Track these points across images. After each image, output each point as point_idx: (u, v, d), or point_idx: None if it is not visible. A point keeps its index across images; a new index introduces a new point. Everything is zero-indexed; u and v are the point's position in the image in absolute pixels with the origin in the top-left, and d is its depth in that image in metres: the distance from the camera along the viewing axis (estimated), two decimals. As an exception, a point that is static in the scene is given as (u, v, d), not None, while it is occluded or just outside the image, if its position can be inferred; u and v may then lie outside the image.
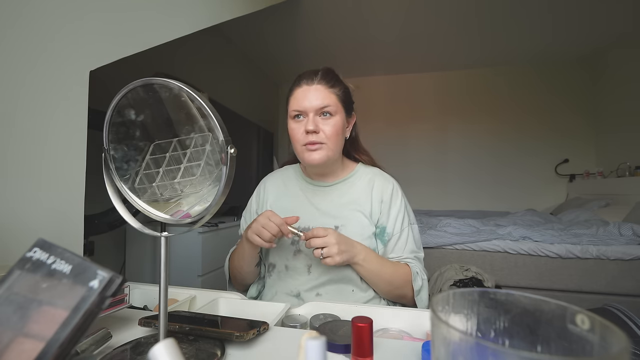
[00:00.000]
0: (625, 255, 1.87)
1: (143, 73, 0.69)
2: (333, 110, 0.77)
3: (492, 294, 0.26)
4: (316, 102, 0.76)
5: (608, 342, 0.20)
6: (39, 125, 0.64)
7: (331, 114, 0.77)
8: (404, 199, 0.86)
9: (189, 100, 0.38)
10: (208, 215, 0.39)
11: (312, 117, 0.76)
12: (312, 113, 0.76)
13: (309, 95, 0.76)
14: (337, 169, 0.87)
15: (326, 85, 0.77)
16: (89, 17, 0.73)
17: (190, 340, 0.47)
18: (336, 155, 0.81)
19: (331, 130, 0.76)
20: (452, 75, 3.94)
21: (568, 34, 3.01)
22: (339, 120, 0.78)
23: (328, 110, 0.76)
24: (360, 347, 0.37)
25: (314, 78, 0.78)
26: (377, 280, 0.76)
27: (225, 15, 1.32)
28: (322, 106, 0.76)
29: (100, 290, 0.27)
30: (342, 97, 0.79)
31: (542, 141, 3.67)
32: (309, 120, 0.76)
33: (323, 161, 0.78)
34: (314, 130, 0.75)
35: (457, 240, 2.09)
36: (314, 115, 0.76)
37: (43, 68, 0.65)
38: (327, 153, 0.77)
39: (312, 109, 0.76)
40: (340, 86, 0.80)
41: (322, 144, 0.77)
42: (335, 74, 0.82)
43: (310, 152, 0.77)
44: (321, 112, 0.77)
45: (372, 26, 2.92)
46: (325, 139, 0.76)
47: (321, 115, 0.77)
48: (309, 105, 0.76)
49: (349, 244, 0.73)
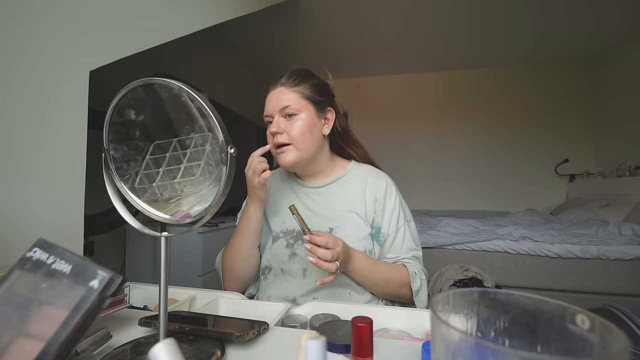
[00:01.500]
0: (625, 255, 1.87)
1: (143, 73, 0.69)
2: (296, 109, 0.76)
3: (492, 294, 0.26)
4: (277, 103, 0.77)
5: (608, 342, 0.20)
6: (39, 125, 0.64)
7: (294, 113, 0.77)
8: (398, 196, 0.84)
9: (189, 100, 0.38)
10: (208, 215, 0.39)
11: (276, 119, 0.77)
12: (276, 115, 0.77)
13: (272, 99, 0.78)
14: (326, 168, 0.85)
15: (289, 86, 0.78)
16: (89, 17, 0.73)
17: (190, 340, 0.47)
18: (310, 154, 0.79)
19: (295, 130, 0.76)
20: (452, 75, 3.94)
21: (568, 34, 3.01)
22: (304, 119, 0.77)
23: (290, 110, 0.76)
24: (360, 347, 0.37)
25: (278, 81, 0.79)
26: (372, 285, 0.76)
27: (226, 15, 1.32)
28: (282, 107, 0.76)
29: (100, 290, 0.27)
30: (307, 94, 0.78)
31: (542, 141, 3.67)
32: (273, 124, 0.77)
33: (294, 162, 0.78)
34: (276, 132, 0.76)
35: (457, 240, 2.09)
36: (278, 117, 0.77)
37: (43, 68, 0.65)
38: (296, 154, 0.77)
39: (274, 111, 0.77)
40: (306, 83, 0.79)
41: (287, 144, 0.77)
42: (303, 72, 0.81)
43: (279, 154, 0.78)
44: (285, 114, 0.77)
45: (372, 26, 2.92)
46: (290, 139, 0.76)
47: (286, 116, 0.77)
48: (272, 109, 0.78)
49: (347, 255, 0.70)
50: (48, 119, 0.65)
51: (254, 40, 3.17)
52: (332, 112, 0.84)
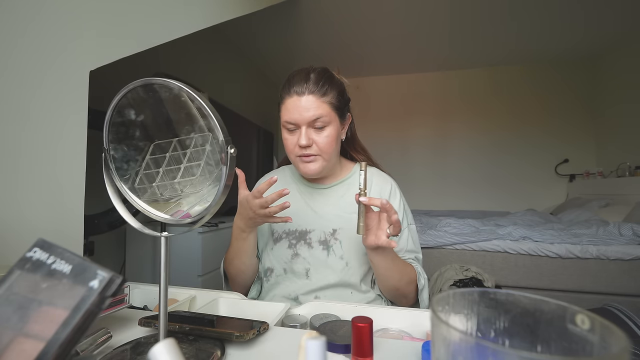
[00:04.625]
0: (625, 255, 1.87)
1: (143, 73, 0.69)
2: (326, 121, 0.73)
3: (492, 294, 0.26)
4: (307, 115, 0.72)
5: (608, 342, 0.20)
6: (39, 125, 0.64)
7: (325, 125, 0.74)
8: (402, 199, 0.85)
9: (189, 100, 0.38)
10: (208, 215, 0.39)
11: (304, 131, 0.73)
12: (304, 126, 0.73)
13: (299, 108, 0.72)
14: (335, 170, 0.86)
15: (317, 94, 0.72)
16: (89, 17, 0.73)
17: (190, 340, 0.47)
18: (332, 162, 0.79)
19: (325, 142, 0.74)
20: (452, 76, 3.94)
21: (568, 34, 3.01)
22: (333, 130, 0.75)
23: (320, 122, 0.73)
24: (360, 347, 0.37)
25: (304, 86, 0.72)
26: (390, 274, 0.72)
27: (226, 15, 1.32)
28: (313, 119, 0.72)
29: (100, 290, 0.27)
30: (335, 104, 0.75)
31: (542, 141, 3.67)
32: (301, 135, 0.73)
33: (319, 171, 0.77)
34: (307, 145, 0.73)
35: (457, 240, 2.09)
36: (307, 128, 0.73)
37: (43, 68, 0.65)
38: (323, 163, 0.76)
39: (303, 121, 0.72)
40: (333, 91, 0.75)
41: (317, 155, 0.75)
42: (327, 76, 0.77)
43: (305, 163, 0.76)
44: (315, 126, 0.73)
45: (372, 26, 2.92)
46: (320, 150, 0.75)
47: (314, 127, 0.74)
48: (301, 118, 0.72)
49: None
50: (48, 119, 0.65)
51: (253, 40, 3.17)
52: (349, 117, 0.84)
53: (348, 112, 0.83)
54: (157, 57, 2.21)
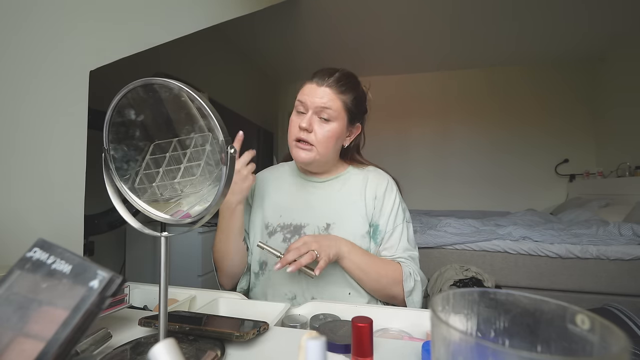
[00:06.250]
0: (625, 255, 1.87)
1: (143, 73, 0.69)
2: (333, 116, 0.75)
3: (492, 294, 0.26)
4: (318, 101, 0.74)
5: (608, 342, 0.20)
6: (39, 125, 0.64)
7: (330, 119, 0.75)
8: (398, 196, 0.85)
9: (189, 100, 0.38)
10: (208, 215, 0.39)
11: (309, 116, 0.75)
12: (311, 111, 0.75)
13: (314, 93, 0.75)
14: (331, 168, 0.86)
15: (335, 90, 0.75)
16: (89, 17, 0.73)
17: (190, 340, 0.47)
18: (325, 159, 0.80)
19: (324, 135, 0.75)
20: (452, 76, 3.94)
21: (568, 34, 3.01)
22: (336, 127, 0.76)
23: (327, 114, 0.75)
24: (360, 347, 0.37)
25: (326, 79, 0.76)
26: (363, 276, 0.74)
27: (226, 15, 1.32)
28: (321, 107, 0.74)
29: (100, 290, 0.27)
30: (349, 105, 0.77)
31: (542, 141, 3.67)
32: (305, 118, 0.75)
33: (308, 161, 0.78)
34: (306, 128, 0.75)
35: (457, 240, 2.09)
36: (313, 114, 0.76)
37: (43, 68, 0.65)
38: (314, 156, 0.77)
39: (312, 105, 0.75)
40: (351, 94, 0.77)
41: (311, 145, 0.76)
42: (352, 80, 0.79)
43: (299, 149, 0.77)
44: (321, 115, 0.75)
45: (372, 26, 2.92)
46: (316, 141, 0.76)
47: (320, 116, 0.75)
48: (310, 101, 0.75)
49: (329, 238, 0.72)
50: (48, 119, 0.65)
51: (254, 39, 3.17)
52: (358, 128, 0.85)
53: (360, 122, 0.84)
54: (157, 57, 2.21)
